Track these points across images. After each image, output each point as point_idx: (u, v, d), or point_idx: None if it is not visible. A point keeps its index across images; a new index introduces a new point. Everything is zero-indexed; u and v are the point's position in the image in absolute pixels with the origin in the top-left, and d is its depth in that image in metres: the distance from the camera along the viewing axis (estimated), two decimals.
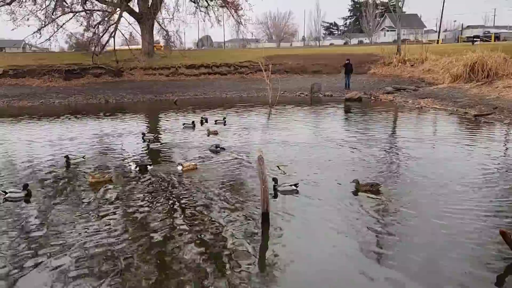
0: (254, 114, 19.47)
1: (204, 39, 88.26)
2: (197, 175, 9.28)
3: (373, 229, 6.39)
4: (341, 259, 5.63)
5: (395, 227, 6.47)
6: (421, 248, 5.77)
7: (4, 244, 6.10)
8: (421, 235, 6.18)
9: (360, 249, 5.76)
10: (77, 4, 37.01)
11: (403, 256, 5.57)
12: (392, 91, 25.60)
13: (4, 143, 13.58)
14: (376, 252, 5.71)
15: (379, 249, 5.78)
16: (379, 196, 7.77)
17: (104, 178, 8.89)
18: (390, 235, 6.21)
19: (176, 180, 9.01)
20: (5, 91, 28.88)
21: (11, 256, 5.73)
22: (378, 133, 14.11)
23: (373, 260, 5.50)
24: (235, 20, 40.33)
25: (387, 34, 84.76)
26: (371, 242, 5.96)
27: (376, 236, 6.16)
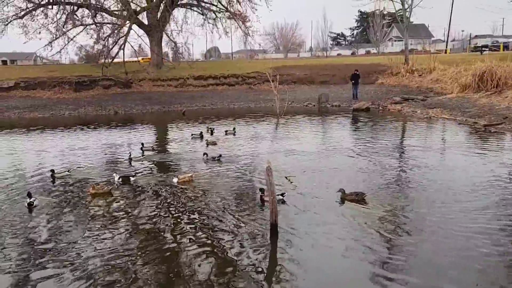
0: (261, 124, 19.50)
1: (212, 50, 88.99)
2: (200, 186, 9.31)
3: (382, 241, 6.33)
4: (351, 272, 5.56)
5: (404, 239, 6.39)
6: (430, 261, 5.70)
7: (12, 255, 6.15)
8: (428, 245, 6.12)
9: (369, 261, 5.70)
10: (88, 17, 37.66)
11: (413, 271, 5.50)
12: (400, 101, 25.51)
13: (15, 153, 13.86)
14: (386, 265, 5.64)
15: (389, 262, 5.71)
16: (386, 207, 7.71)
17: (103, 190, 8.98)
18: (399, 246, 6.14)
19: (179, 191, 9.04)
20: (17, 103, 29.32)
21: (19, 267, 5.77)
22: (386, 142, 14.05)
23: (383, 274, 5.43)
24: (243, 31, 40.65)
25: (395, 44, 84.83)
26: (381, 255, 5.90)
27: (385, 249, 6.09)
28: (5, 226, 7.28)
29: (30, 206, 8.08)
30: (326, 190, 8.87)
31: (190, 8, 41.44)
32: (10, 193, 9.16)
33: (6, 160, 12.79)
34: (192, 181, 9.60)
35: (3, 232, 7.01)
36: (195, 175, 9.95)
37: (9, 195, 9.02)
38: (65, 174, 10.48)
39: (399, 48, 69.51)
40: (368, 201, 8.03)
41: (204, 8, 40.87)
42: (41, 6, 36.25)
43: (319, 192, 8.68)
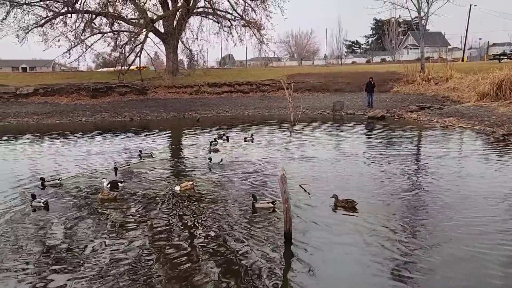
0: (276, 132, 19.48)
1: (227, 58, 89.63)
2: (211, 193, 9.33)
3: (397, 251, 6.23)
4: (365, 284, 5.48)
5: (423, 251, 6.28)
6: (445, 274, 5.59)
7: (30, 258, 6.24)
8: (443, 256, 6.00)
9: (384, 272, 5.61)
10: (105, 25, 38.38)
11: (430, 282, 5.39)
12: (416, 110, 25.23)
13: (34, 157, 14.24)
14: (401, 277, 5.55)
15: (406, 274, 5.61)
16: (401, 216, 7.60)
17: (108, 196, 9.16)
18: (414, 257, 6.04)
19: (186, 199, 9.07)
20: (35, 108, 29.91)
21: (36, 271, 5.84)
22: (402, 150, 13.90)
23: (399, 285, 5.34)
24: (258, 39, 40.88)
25: (410, 52, 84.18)
26: (395, 265, 5.80)
27: (400, 260, 5.99)
28: (18, 228, 7.40)
29: (45, 205, 8.56)
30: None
31: (206, 16, 41.90)
32: (26, 196, 9.31)
33: (23, 163, 13.06)
34: (193, 189, 9.65)
35: (18, 233, 7.13)
36: (195, 183, 10.02)
37: (27, 197, 9.17)
38: (55, 183, 10.42)
39: (414, 56, 68.91)
40: (360, 209, 8.02)
41: (219, 16, 41.28)
42: (60, 15, 37.11)
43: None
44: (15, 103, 32.64)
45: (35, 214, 8.23)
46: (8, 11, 35.38)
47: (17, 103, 32.48)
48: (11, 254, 6.40)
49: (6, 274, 5.78)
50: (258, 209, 8.20)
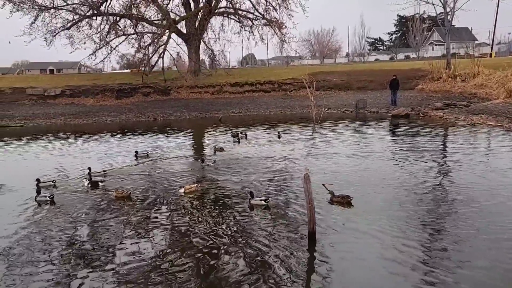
0: (298, 130, 19.40)
1: (248, 57, 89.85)
2: (228, 191, 9.34)
3: (423, 252, 6.11)
4: (389, 284, 5.39)
5: (450, 253, 6.14)
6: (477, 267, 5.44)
7: (54, 255, 6.42)
8: (467, 255, 5.84)
9: (410, 273, 5.50)
10: (129, 27, 39.07)
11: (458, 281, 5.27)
12: (442, 107, 24.66)
13: (63, 155, 14.86)
14: (428, 277, 5.43)
15: (431, 274, 5.50)
16: (427, 215, 7.44)
17: (122, 194, 9.42)
18: (443, 255, 5.91)
19: (207, 199, 9.12)
20: (62, 109, 30.74)
21: (61, 268, 6.00)
22: (427, 148, 13.61)
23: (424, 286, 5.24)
24: (279, 38, 40.75)
25: (435, 48, 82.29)
26: (422, 265, 5.69)
27: (426, 257, 5.87)
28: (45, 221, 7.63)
29: (51, 199, 9.13)
30: (363, 197, 8.69)
31: (227, 16, 42.05)
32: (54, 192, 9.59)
33: (51, 161, 13.45)
34: (197, 191, 9.60)
35: (40, 227, 7.35)
36: (201, 185, 10.00)
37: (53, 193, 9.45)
38: (49, 185, 10.53)
39: (440, 53, 67.31)
40: (385, 208, 7.96)
41: (241, 16, 41.35)
42: (86, 17, 37.97)
43: (357, 200, 8.50)
44: (43, 104, 33.60)
45: (52, 210, 8.46)
46: (37, 15, 36.42)
47: (45, 104, 33.43)
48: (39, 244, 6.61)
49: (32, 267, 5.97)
50: (253, 205, 8.41)
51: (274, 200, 8.76)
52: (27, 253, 6.52)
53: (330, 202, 8.45)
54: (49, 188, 10.36)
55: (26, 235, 7.26)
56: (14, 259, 6.32)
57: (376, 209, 7.96)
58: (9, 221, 8.02)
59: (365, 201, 8.48)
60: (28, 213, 8.55)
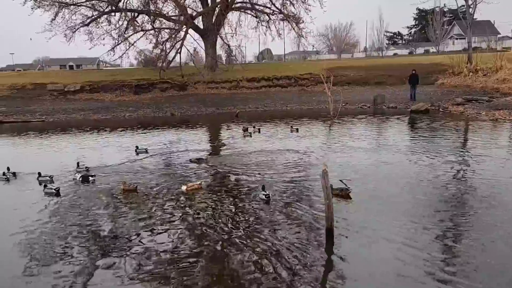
0: (315, 126, 19.28)
1: (265, 52, 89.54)
2: (245, 186, 9.34)
3: (444, 249, 6.01)
4: (409, 282, 5.31)
5: (470, 249, 6.03)
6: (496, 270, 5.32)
7: (75, 246, 6.54)
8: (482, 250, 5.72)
9: (428, 273, 5.41)
10: (147, 23, 39.40)
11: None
12: (462, 102, 24.17)
13: (83, 149, 15.19)
14: (447, 276, 5.34)
15: (450, 272, 5.41)
16: (448, 211, 7.31)
17: (129, 187, 9.62)
18: (463, 254, 5.80)
19: (221, 194, 9.13)
20: (82, 105, 31.24)
21: (82, 259, 6.12)
22: (447, 144, 13.37)
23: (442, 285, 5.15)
24: (296, 33, 40.51)
25: (456, 43, 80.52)
26: (441, 265, 5.60)
27: (446, 256, 5.78)
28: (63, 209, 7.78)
29: (57, 191, 9.56)
30: (383, 192, 8.60)
31: (244, 11, 41.96)
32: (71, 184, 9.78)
33: (72, 154, 13.69)
34: (201, 189, 9.49)
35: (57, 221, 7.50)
36: (204, 183, 9.87)
37: (71, 186, 9.63)
38: (47, 179, 10.69)
39: (461, 47, 65.88)
40: (404, 204, 7.89)
41: (257, 10, 41.22)
42: (105, 14, 38.45)
43: (376, 196, 8.42)
44: (64, 99, 34.21)
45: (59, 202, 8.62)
46: (57, 12, 37.02)
47: (65, 100, 34.02)
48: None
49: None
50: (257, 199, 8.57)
51: (291, 195, 8.74)
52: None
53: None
54: (47, 182, 10.56)
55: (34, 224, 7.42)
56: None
57: (395, 206, 7.87)
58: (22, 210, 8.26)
59: (384, 197, 8.38)
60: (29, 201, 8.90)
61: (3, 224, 7.87)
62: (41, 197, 9.38)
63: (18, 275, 5.75)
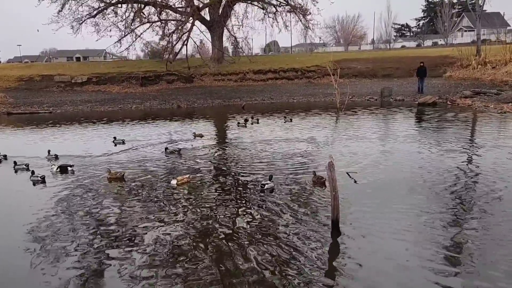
0: (321, 118, 19.22)
1: (271, 45, 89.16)
2: (251, 176, 9.35)
3: (450, 240, 6.00)
4: (414, 275, 5.32)
5: (477, 240, 6.01)
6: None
7: (82, 238, 6.62)
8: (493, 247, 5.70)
9: (435, 266, 5.41)
10: (154, 14, 39.36)
11: (485, 272, 5.16)
12: (470, 95, 23.95)
13: (87, 140, 15.33)
14: (454, 270, 5.34)
15: (457, 265, 5.40)
16: (453, 205, 7.29)
17: (115, 176, 9.68)
18: (470, 246, 5.79)
19: (228, 186, 9.16)
20: (89, 96, 31.38)
21: (87, 251, 6.19)
22: (454, 138, 13.25)
23: (450, 278, 5.15)
24: (303, 24, 40.31)
25: (465, 35, 79.52)
26: (448, 258, 5.59)
27: (452, 249, 5.77)
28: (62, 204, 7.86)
29: (43, 179, 9.83)
30: (389, 184, 8.59)
31: (251, 2, 41.75)
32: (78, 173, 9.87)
33: (78, 145, 13.79)
34: (189, 182, 9.28)
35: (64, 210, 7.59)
36: (192, 177, 9.65)
37: (79, 178, 9.72)
38: (22, 168, 11.09)
39: (469, 39, 65.08)
40: (410, 197, 7.71)
41: (264, 2, 41.00)
42: (111, 5, 38.45)
43: (382, 187, 8.41)
44: (71, 91, 34.41)
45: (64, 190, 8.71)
46: (64, 3, 37.11)
47: (72, 91, 34.21)
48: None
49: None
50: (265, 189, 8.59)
51: (297, 187, 8.75)
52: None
53: (313, 183, 8.88)
54: (23, 170, 10.98)
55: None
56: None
57: (402, 198, 7.86)
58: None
59: (391, 189, 8.38)
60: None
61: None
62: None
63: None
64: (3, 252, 6.31)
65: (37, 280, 5.42)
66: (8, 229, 7.24)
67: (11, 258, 6.09)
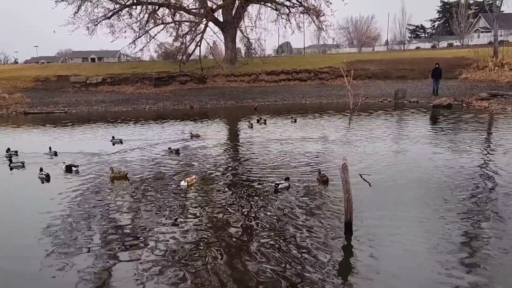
0: (334, 120, 19.10)
1: (284, 46, 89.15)
2: (262, 178, 9.31)
3: (464, 243, 5.89)
4: (429, 281, 5.23)
5: (492, 243, 5.89)
6: None
7: (96, 235, 6.67)
8: None
9: (449, 271, 5.31)
10: (168, 16, 39.67)
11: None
12: (487, 97, 23.55)
13: (100, 140, 15.24)
14: (470, 276, 5.24)
15: (472, 269, 5.30)
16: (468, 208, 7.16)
17: (119, 175, 9.72)
18: (485, 249, 5.67)
19: (233, 184, 9.14)
20: (103, 97, 31.72)
21: (102, 248, 6.24)
22: (470, 141, 13.03)
23: (465, 284, 5.05)
24: (316, 26, 40.17)
25: (481, 36, 78.32)
26: (464, 264, 5.48)
27: (469, 255, 5.66)
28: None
29: (47, 177, 10.13)
30: (403, 186, 8.48)
31: (264, 4, 41.77)
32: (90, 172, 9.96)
33: (90, 144, 13.94)
34: (196, 183, 9.22)
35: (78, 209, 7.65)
36: (199, 177, 9.64)
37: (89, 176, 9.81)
38: (18, 165, 11.43)
39: (486, 40, 64.06)
40: (425, 201, 7.67)
41: (278, 3, 40.98)
42: (126, 7, 38.86)
43: (396, 189, 8.31)
44: (86, 91, 34.83)
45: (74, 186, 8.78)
46: (80, 5, 37.63)
47: (87, 92, 34.64)
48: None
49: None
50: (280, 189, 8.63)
51: (310, 187, 8.70)
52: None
53: (317, 181, 9.09)
54: (18, 168, 11.31)
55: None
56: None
57: (416, 201, 7.75)
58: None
59: (405, 192, 8.27)
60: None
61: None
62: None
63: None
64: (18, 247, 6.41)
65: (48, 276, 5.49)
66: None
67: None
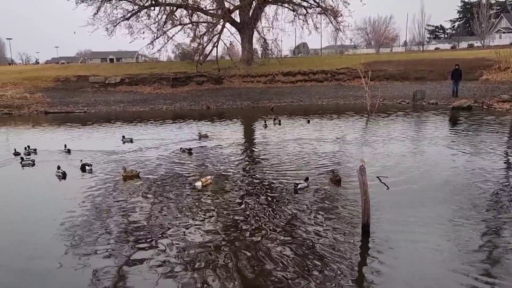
0: (351, 121, 18.95)
1: (301, 46, 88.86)
2: (278, 179, 9.28)
3: (484, 253, 5.77)
4: (446, 282, 5.14)
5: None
6: None
7: (111, 234, 6.76)
8: None
9: (467, 275, 5.21)
10: (185, 17, 39.96)
11: None
12: (509, 99, 22.99)
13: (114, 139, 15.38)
14: (487, 276, 5.13)
15: (491, 273, 5.19)
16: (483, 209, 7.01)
17: (131, 174, 9.80)
18: (504, 254, 5.55)
19: (259, 187, 9.14)
20: (121, 97, 32.15)
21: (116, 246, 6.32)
22: (490, 142, 12.78)
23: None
24: (334, 26, 39.94)
25: (503, 36, 76.68)
26: (482, 270, 5.36)
27: (488, 261, 5.54)
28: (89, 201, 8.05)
29: (64, 175, 10.35)
30: (419, 188, 8.37)
31: (281, 4, 41.72)
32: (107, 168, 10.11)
33: (108, 142, 14.14)
34: (211, 184, 9.18)
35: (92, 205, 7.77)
36: (214, 177, 9.59)
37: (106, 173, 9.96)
38: (28, 163, 11.81)
39: (508, 41, 62.70)
40: (444, 204, 7.55)
41: (295, 4, 40.88)
42: (144, 8, 39.31)
43: (414, 192, 8.20)
44: (104, 91, 35.34)
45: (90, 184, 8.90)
46: (99, 6, 38.24)
47: (106, 92, 35.14)
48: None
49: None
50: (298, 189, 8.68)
51: (327, 188, 8.65)
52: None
53: (330, 180, 9.21)
54: (29, 166, 11.75)
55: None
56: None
57: (435, 204, 7.62)
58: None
59: (424, 195, 8.15)
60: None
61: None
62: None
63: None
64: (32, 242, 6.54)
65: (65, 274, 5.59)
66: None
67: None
